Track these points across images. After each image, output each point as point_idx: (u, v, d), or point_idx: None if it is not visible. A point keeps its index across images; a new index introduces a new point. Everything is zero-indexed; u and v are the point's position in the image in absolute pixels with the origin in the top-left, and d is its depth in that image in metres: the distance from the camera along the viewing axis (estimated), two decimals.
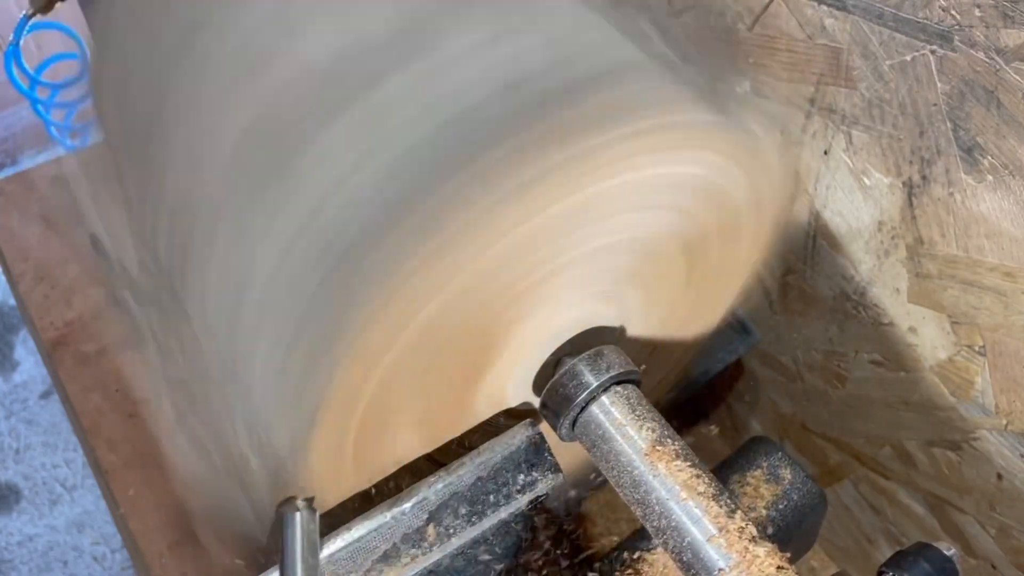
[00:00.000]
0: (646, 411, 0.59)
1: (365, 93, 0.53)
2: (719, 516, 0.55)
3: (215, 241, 0.56)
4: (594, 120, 0.51)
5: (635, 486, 0.57)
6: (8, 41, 1.20)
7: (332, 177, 0.52)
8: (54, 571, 1.68)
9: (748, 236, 0.66)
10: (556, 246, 0.54)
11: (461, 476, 0.60)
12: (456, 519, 0.60)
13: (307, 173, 0.53)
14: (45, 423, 1.85)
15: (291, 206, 0.53)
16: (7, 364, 1.93)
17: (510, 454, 0.62)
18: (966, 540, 0.77)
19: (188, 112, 0.60)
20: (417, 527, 0.59)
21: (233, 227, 0.55)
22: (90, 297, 0.99)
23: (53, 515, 1.73)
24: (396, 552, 0.58)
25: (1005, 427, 0.68)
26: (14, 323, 1.96)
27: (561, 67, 0.54)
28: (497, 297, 0.55)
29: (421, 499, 0.59)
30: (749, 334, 0.83)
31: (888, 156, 0.67)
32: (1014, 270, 0.62)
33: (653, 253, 0.61)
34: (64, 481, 1.78)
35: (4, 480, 1.78)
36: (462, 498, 0.60)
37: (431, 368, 0.55)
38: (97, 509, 1.73)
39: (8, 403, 1.88)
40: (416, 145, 0.51)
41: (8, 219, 1.08)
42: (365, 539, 0.58)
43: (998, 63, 0.56)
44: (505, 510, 0.61)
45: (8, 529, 1.72)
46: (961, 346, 0.69)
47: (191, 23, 0.61)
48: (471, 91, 0.52)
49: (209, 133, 0.58)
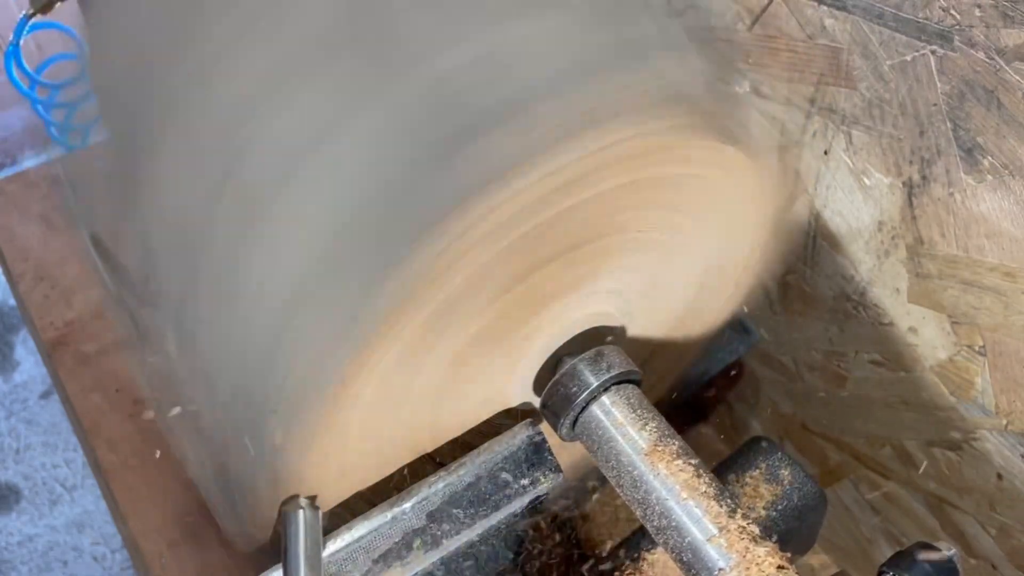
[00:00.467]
0: (647, 411, 0.59)
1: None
2: (719, 516, 0.55)
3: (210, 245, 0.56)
4: (588, 122, 0.51)
5: (635, 486, 0.57)
6: (8, 41, 1.20)
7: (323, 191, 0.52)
8: (54, 571, 1.68)
9: (748, 236, 0.66)
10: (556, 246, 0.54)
11: (461, 476, 0.60)
12: (456, 519, 0.60)
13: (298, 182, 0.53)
14: (45, 423, 1.85)
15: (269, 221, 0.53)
16: (7, 364, 1.93)
17: (510, 454, 0.62)
18: (966, 540, 0.77)
19: (181, 113, 0.59)
20: (417, 527, 0.59)
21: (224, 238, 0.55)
22: (90, 297, 0.99)
23: (53, 515, 1.73)
24: (396, 552, 0.58)
25: (1005, 427, 0.68)
26: (14, 323, 1.96)
27: (566, 69, 0.54)
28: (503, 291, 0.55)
29: (421, 499, 0.59)
30: (749, 334, 0.83)
31: (888, 156, 0.67)
32: (1014, 270, 0.62)
33: (653, 253, 0.61)
34: (64, 481, 1.78)
35: (4, 480, 1.77)
36: (462, 498, 0.60)
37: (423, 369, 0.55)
38: (97, 509, 1.73)
39: (8, 403, 1.88)
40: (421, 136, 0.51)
41: (8, 219, 1.08)
42: (365, 539, 0.58)
43: (998, 63, 0.56)
44: (505, 510, 0.61)
45: (8, 529, 1.72)
46: (961, 346, 0.69)
47: (184, 24, 0.61)
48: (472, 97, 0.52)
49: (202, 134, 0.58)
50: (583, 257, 0.57)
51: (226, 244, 0.56)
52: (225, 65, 0.56)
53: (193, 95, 0.57)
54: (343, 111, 0.52)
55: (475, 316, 0.55)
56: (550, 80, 0.52)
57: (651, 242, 0.60)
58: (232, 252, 0.55)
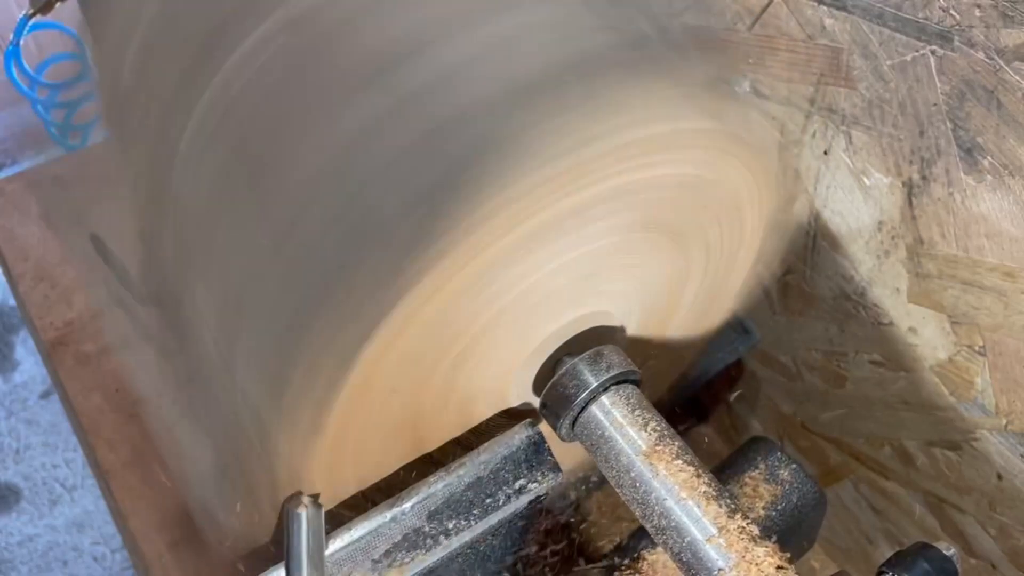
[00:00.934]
0: (646, 411, 0.59)
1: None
2: (719, 516, 0.55)
3: (212, 245, 0.56)
4: (589, 120, 0.51)
5: (635, 486, 0.57)
6: (8, 41, 1.20)
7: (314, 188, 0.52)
8: (54, 571, 1.68)
9: (747, 234, 0.66)
10: (556, 246, 0.54)
11: (461, 476, 0.60)
12: (456, 519, 0.60)
13: (289, 180, 0.53)
14: (45, 423, 1.85)
15: (274, 212, 0.53)
16: (7, 364, 1.93)
17: (510, 454, 0.62)
18: (966, 540, 0.77)
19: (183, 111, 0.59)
20: (417, 527, 0.59)
21: (228, 231, 0.55)
22: (90, 297, 0.99)
23: (53, 515, 1.73)
24: (396, 552, 0.58)
25: (1005, 427, 0.68)
26: (14, 323, 1.96)
27: (573, 68, 0.54)
28: (503, 291, 0.55)
29: (421, 499, 0.59)
30: (749, 334, 0.83)
31: (888, 156, 0.67)
32: (1014, 270, 0.62)
33: (652, 253, 0.61)
34: (64, 481, 1.78)
35: (4, 480, 1.77)
36: (462, 498, 0.60)
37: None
38: (97, 509, 1.73)
39: (8, 403, 1.88)
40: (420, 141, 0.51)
41: (8, 219, 1.08)
42: (365, 539, 0.58)
43: (998, 63, 0.56)
44: (505, 510, 0.61)
45: (8, 529, 1.72)
46: (961, 346, 0.69)
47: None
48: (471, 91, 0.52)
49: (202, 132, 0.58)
50: (586, 255, 0.57)
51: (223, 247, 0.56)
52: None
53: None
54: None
55: (476, 315, 0.55)
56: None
57: (651, 242, 0.60)
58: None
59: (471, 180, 0.49)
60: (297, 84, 0.55)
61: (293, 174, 0.53)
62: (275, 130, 0.55)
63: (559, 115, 0.51)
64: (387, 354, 0.51)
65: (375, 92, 0.52)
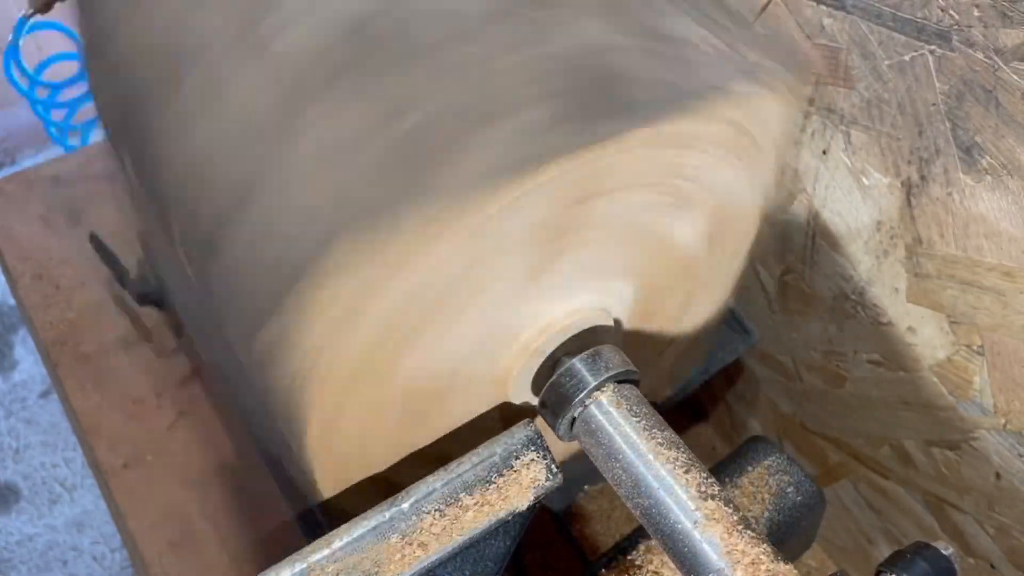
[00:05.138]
0: (645, 411, 0.59)
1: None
2: (718, 515, 0.55)
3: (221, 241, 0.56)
4: (591, 115, 0.51)
5: (634, 486, 0.57)
6: (8, 41, 1.20)
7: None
8: (53, 571, 1.68)
9: (744, 231, 0.66)
10: (555, 244, 0.54)
11: (461, 475, 0.60)
12: (455, 519, 0.60)
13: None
14: (44, 423, 1.85)
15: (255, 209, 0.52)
16: (6, 364, 1.93)
17: (509, 454, 0.62)
18: (965, 539, 0.77)
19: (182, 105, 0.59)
20: (417, 527, 0.59)
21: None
22: (90, 297, 0.99)
23: (52, 515, 1.74)
24: (396, 552, 0.58)
25: (1004, 426, 0.68)
26: (14, 323, 1.96)
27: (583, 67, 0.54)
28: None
29: (421, 498, 0.59)
30: (748, 334, 0.83)
31: (887, 156, 0.67)
32: (1013, 270, 0.62)
33: (650, 250, 0.61)
34: (64, 481, 1.78)
35: (3, 480, 1.78)
36: (461, 498, 0.60)
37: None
38: (97, 509, 1.73)
39: (7, 403, 1.88)
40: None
41: (8, 219, 1.08)
42: (365, 539, 0.58)
43: (997, 63, 0.56)
44: (504, 510, 0.61)
45: (7, 529, 1.72)
46: (960, 346, 0.69)
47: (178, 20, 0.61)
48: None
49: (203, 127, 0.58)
50: (591, 248, 0.57)
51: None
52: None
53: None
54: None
55: (477, 315, 0.55)
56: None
57: (651, 237, 0.60)
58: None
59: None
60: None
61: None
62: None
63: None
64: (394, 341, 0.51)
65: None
